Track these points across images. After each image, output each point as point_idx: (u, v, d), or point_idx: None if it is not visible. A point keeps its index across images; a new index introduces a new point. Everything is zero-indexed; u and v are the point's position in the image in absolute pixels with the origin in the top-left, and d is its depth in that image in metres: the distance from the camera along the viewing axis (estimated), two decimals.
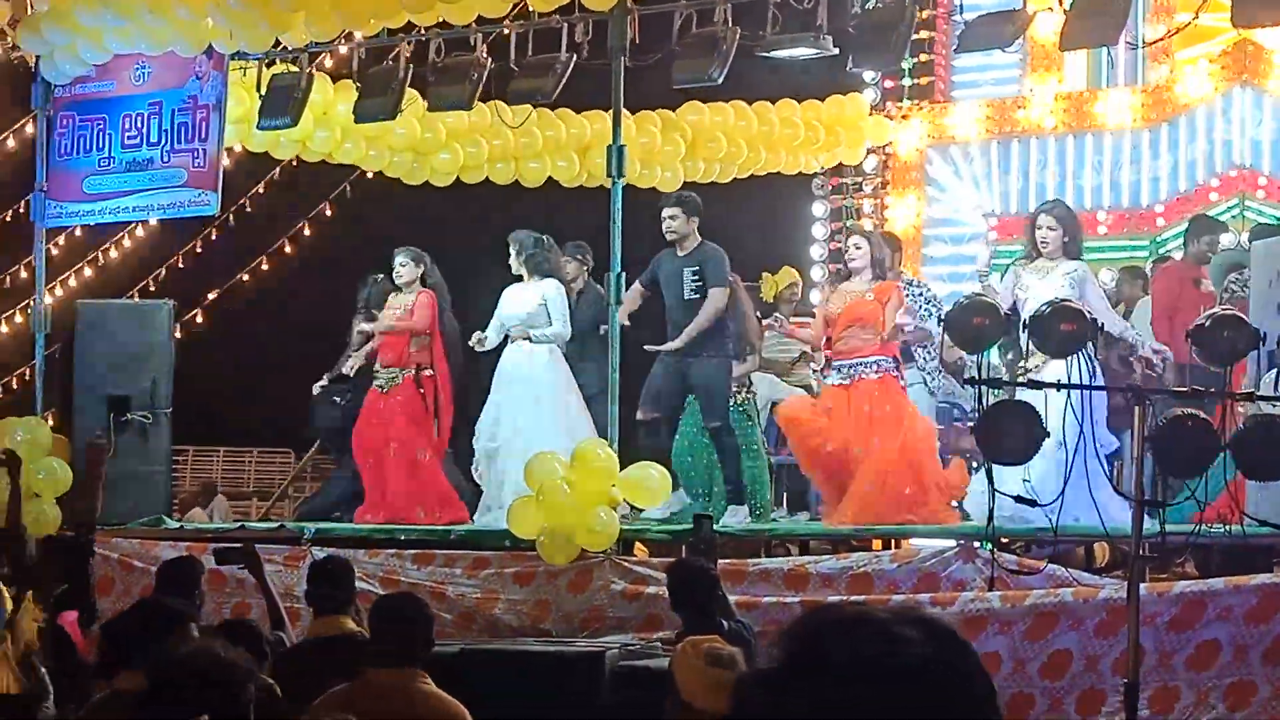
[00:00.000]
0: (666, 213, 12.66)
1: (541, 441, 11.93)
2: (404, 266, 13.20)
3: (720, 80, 12.33)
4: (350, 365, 13.64)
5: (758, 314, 13.74)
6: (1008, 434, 9.63)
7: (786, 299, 14.96)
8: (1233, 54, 16.22)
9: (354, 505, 13.43)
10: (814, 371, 14.44)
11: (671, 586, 9.05)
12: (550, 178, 16.09)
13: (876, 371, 11.96)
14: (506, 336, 12.80)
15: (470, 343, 12.95)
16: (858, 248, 12.33)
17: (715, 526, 11.28)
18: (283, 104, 13.30)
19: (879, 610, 2.01)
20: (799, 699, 1.95)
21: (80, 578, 11.68)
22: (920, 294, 13.55)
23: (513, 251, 12.80)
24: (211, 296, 21.30)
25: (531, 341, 12.65)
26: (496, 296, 12.99)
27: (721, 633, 8.47)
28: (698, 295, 12.51)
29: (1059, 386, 9.94)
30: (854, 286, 12.22)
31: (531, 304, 12.61)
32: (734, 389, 12.92)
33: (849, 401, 11.99)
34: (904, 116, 17.95)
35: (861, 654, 1.95)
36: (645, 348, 12.68)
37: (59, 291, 18.82)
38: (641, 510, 11.94)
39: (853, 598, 10.28)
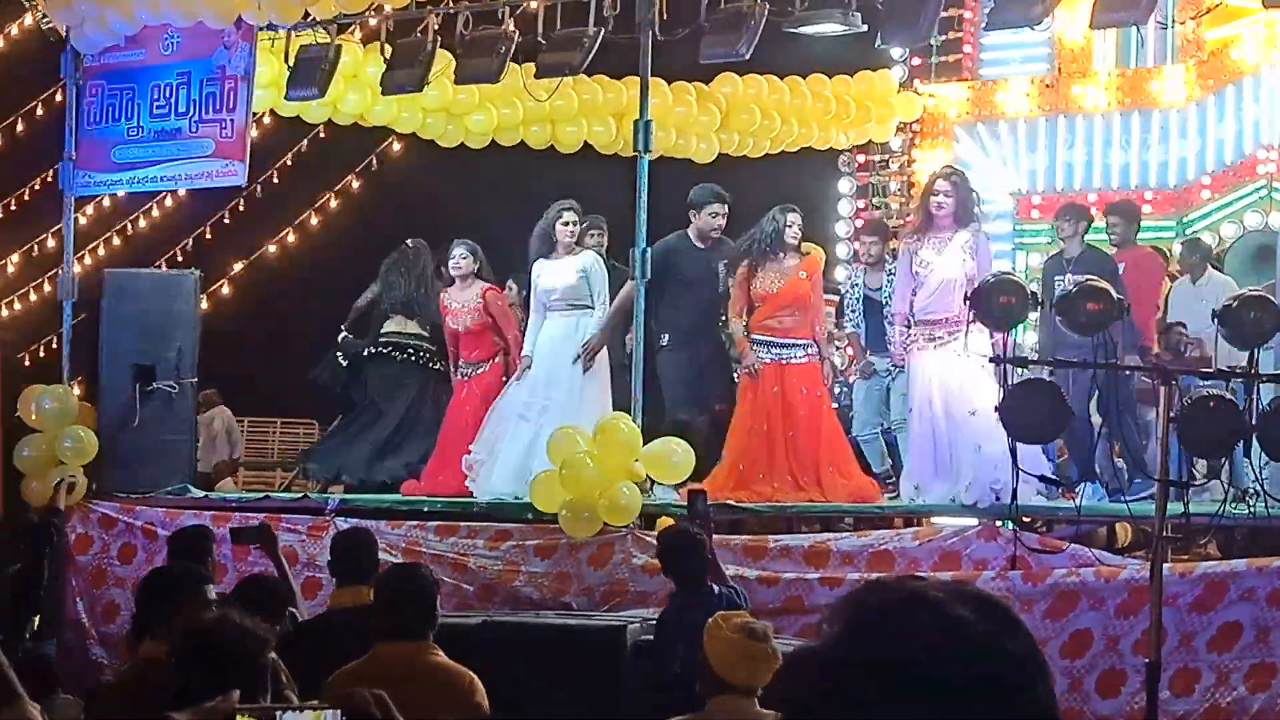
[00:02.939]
0: (721, 209, 12.67)
1: (591, 412, 12.01)
2: (464, 259, 13.22)
3: (748, 56, 12.32)
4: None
5: None
6: (1033, 412, 9.62)
7: None
8: (1263, 33, 16.14)
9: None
10: (836, 348, 14.43)
11: (661, 553, 9.09)
12: (585, 144, 16.02)
13: (804, 355, 12.04)
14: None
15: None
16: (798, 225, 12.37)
17: None
18: (311, 75, 13.30)
19: (931, 588, 2.01)
20: (856, 682, 1.95)
21: (35, 561, 11.72)
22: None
23: (564, 220, 12.56)
24: (238, 267, 21.33)
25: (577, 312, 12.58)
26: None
27: (712, 597, 8.53)
28: (724, 291, 12.63)
29: (1084, 365, 9.93)
30: (788, 264, 12.21)
31: (572, 276, 12.54)
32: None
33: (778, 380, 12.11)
34: (930, 94, 17.86)
35: (919, 637, 1.95)
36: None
37: (87, 260, 18.85)
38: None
39: (872, 575, 10.29)
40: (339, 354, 14.28)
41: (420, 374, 13.99)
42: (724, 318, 12.69)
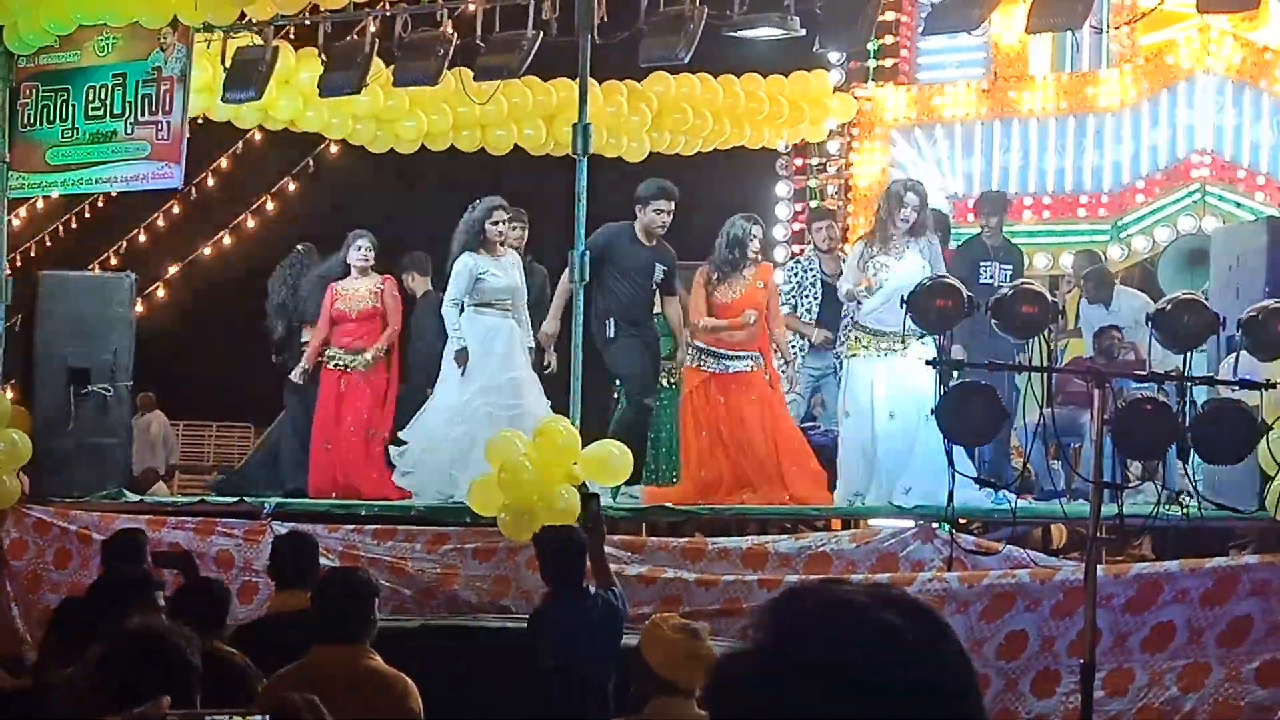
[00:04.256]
0: (667, 206, 12.40)
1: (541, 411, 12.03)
2: (370, 251, 13.23)
3: (687, 59, 12.33)
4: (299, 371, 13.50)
5: None
6: (969, 415, 9.66)
7: None
8: (1197, 39, 16.27)
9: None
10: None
11: (539, 554, 9.01)
12: (516, 145, 16.04)
13: (744, 366, 12.07)
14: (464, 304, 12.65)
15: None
16: (760, 240, 12.36)
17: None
18: (247, 77, 13.24)
19: (858, 593, 2.01)
20: (783, 688, 1.95)
21: None
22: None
23: (493, 219, 12.42)
24: (173, 270, 21.23)
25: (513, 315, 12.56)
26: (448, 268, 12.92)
27: (588, 598, 8.52)
28: (657, 290, 12.60)
29: (1020, 368, 9.99)
30: (746, 274, 12.22)
31: (519, 277, 12.54)
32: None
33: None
34: (868, 98, 17.91)
35: (846, 644, 1.96)
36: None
37: (20, 262, 18.74)
38: None
39: (811, 577, 10.31)
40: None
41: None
42: (659, 314, 12.72)
